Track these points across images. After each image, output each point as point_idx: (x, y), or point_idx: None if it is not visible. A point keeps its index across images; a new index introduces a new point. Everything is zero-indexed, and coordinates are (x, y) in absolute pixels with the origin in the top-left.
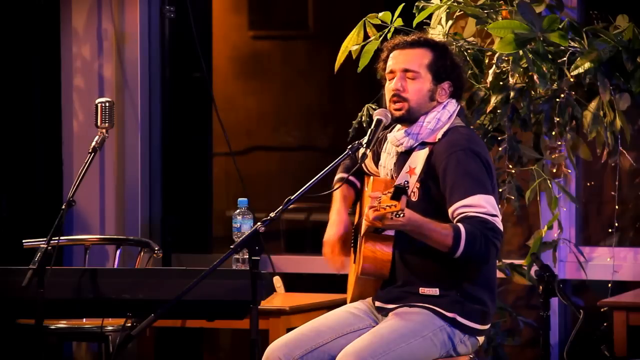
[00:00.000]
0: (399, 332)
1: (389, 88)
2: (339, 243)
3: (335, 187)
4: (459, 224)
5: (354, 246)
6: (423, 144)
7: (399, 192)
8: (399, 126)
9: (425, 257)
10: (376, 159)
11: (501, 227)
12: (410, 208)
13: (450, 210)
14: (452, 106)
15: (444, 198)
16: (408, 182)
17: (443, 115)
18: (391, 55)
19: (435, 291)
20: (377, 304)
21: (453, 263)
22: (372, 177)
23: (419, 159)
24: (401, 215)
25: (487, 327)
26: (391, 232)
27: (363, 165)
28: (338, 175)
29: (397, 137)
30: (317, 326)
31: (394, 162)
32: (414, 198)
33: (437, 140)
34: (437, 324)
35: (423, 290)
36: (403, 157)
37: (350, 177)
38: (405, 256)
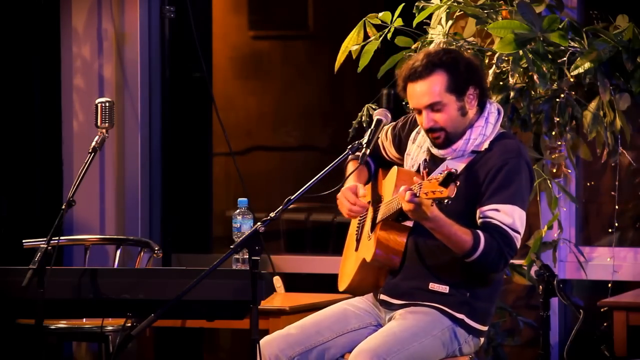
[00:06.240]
0: (411, 331)
1: (421, 122)
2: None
3: (350, 165)
4: (481, 233)
5: (358, 235)
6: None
7: (450, 178)
8: None
9: (439, 251)
10: (397, 143)
11: (518, 245)
12: (443, 206)
13: (481, 209)
14: (494, 117)
15: (479, 197)
16: (457, 171)
17: (487, 130)
18: (408, 90)
19: (445, 288)
20: (383, 297)
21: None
22: (396, 167)
23: (459, 163)
24: (448, 202)
25: (487, 328)
26: (409, 223)
27: (381, 147)
28: (341, 157)
29: (441, 152)
30: (318, 322)
31: (425, 159)
32: None
33: (483, 149)
34: (445, 324)
35: (433, 286)
36: (439, 157)
37: (369, 159)
38: (419, 248)
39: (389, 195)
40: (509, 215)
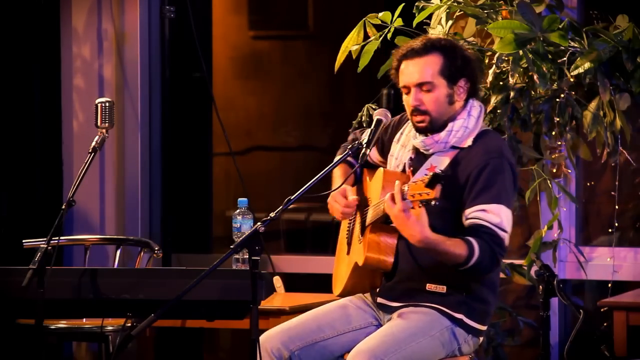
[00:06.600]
0: (409, 331)
1: (407, 102)
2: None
3: (342, 170)
4: (473, 240)
5: (349, 238)
6: (450, 147)
7: (436, 179)
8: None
9: None
10: (380, 146)
11: (507, 244)
12: (430, 206)
13: (467, 211)
14: (476, 110)
15: (464, 198)
16: (443, 171)
17: (470, 123)
18: (402, 67)
19: (442, 288)
20: (380, 300)
21: None
22: (382, 169)
23: (443, 160)
24: (436, 204)
25: (486, 327)
26: None
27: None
28: (341, 157)
29: (424, 143)
30: (319, 318)
31: (410, 157)
32: None
33: (466, 146)
34: (444, 324)
35: (430, 287)
36: (423, 154)
37: (353, 160)
38: (412, 249)
39: (376, 198)
40: (496, 215)
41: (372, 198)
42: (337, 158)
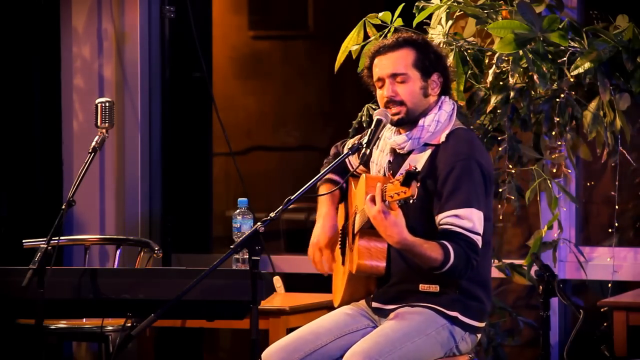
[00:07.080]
0: (403, 331)
1: (381, 95)
2: (327, 247)
3: (326, 190)
4: (449, 245)
5: (342, 248)
6: (425, 145)
7: (410, 177)
8: (394, 129)
9: None
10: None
11: (480, 245)
12: (409, 205)
13: (439, 216)
14: (448, 105)
15: (438, 198)
16: (417, 168)
17: (441, 117)
18: (375, 62)
19: (435, 288)
20: (375, 304)
21: None
22: (364, 175)
23: (420, 158)
24: (413, 202)
25: (484, 324)
26: None
27: (348, 163)
28: (326, 176)
29: (397, 141)
30: (314, 329)
31: (389, 160)
32: None
33: (440, 142)
34: (439, 323)
35: (423, 287)
36: (401, 156)
37: (336, 177)
38: (402, 252)
39: (362, 204)
40: (468, 219)
41: (359, 205)
42: (323, 169)
